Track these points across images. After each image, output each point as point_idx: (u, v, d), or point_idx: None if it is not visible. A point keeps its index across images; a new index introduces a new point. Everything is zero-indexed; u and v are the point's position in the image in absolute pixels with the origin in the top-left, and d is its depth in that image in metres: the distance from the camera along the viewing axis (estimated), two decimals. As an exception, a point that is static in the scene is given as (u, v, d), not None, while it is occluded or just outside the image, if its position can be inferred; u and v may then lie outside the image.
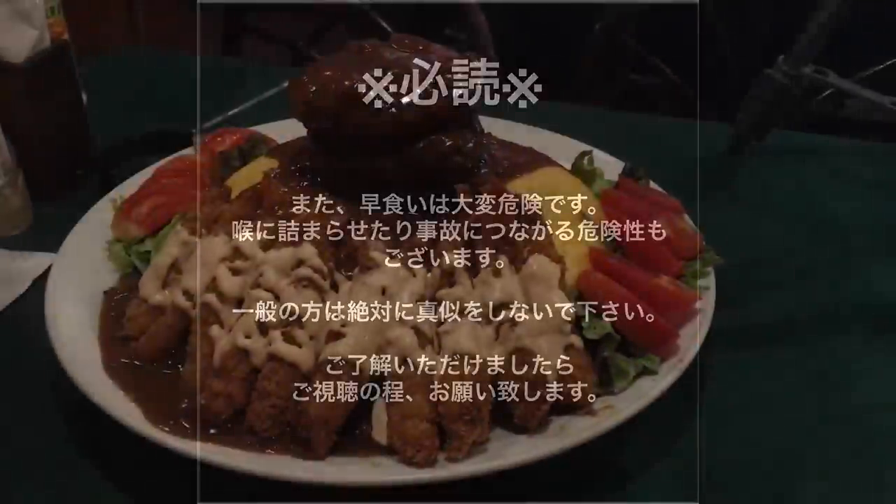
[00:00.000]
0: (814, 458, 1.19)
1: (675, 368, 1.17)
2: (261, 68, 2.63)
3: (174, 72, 2.44)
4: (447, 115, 1.25)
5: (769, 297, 1.53)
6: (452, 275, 1.14)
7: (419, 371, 1.08)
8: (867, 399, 1.30)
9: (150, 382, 1.17)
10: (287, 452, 1.06)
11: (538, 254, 1.17)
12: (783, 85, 1.85)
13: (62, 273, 1.35)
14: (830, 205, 1.84)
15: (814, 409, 1.28)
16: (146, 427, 1.06)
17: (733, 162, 2.02)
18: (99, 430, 1.14)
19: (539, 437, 1.09)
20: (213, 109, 2.19)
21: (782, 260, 1.67)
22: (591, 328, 1.16)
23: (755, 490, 1.15)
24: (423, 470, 1.02)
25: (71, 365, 1.14)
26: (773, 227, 1.77)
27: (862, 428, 1.25)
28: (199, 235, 1.27)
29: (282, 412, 1.08)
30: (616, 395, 1.15)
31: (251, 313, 1.14)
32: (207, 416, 1.08)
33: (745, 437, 1.23)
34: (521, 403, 1.08)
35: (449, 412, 1.04)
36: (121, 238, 1.44)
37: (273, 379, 1.09)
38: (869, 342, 1.43)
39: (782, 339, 1.43)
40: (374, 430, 1.10)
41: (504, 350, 1.11)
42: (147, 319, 1.24)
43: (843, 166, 2.01)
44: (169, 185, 1.48)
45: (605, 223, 1.35)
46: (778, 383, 1.33)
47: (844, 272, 1.61)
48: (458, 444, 1.03)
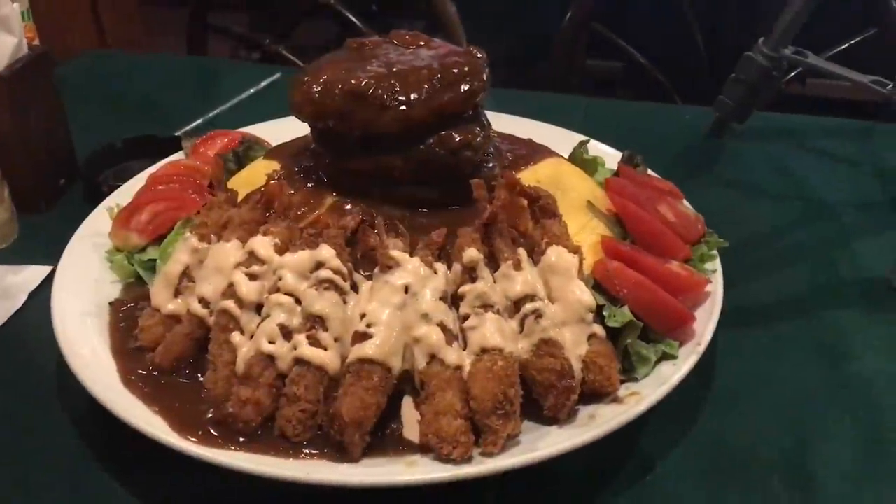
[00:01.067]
0: (824, 433, 1.22)
1: (693, 352, 1.19)
2: (236, 67, 2.59)
3: (145, 74, 2.41)
4: (456, 111, 1.25)
5: (766, 275, 1.56)
6: (474, 270, 1.15)
7: (449, 368, 1.08)
8: (869, 369, 1.34)
9: (170, 393, 1.15)
10: (321, 457, 1.05)
11: (556, 245, 1.18)
12: (764, 67, 1.89)
13: (64, 286, 1.32)
14: (813, 183, 1.89)
15: (820, 383, 1.32)
16: (178, 440, 1.04)
17: (715, 145, 2.06)
18: (114, 442, 1.14)
19: (569, 427, 1.10)
20: (190, 111, 2.17)
21: (774, 239, 1.71)
22: (612, 317, 1.17)
23: (770, 465, 1.17)
24: (462, 466, 1.02)
25: (91, 382, 1.11)
26: (761, 207, 1.81)
27: (866, 398, 1.29)
28: (209, 241, 1.25)
29: (312, 416, 1.08)
30: (639, 382, 1.17)
31: (273, 318, 1.13)
32: (237, 425, 1.07)
33: (756, 413, 1.25)
34: (550, 395, 1.09)
35: (482, 407, 1.05)
36: (120, 247, 1.41)
37: (301, 383, 1.08)
38: (865, 315, 1.47)
39: (783, 315, 1.46)
40: (405, 428, 1.10)
41: (530, 343, 1.11)
42: (161, 329, 1.22)
43: (820, 145, 2.06)
44: (166, 191, 1.46)
45: (612, 211, 1.36)
46: (784, 359, 1.36)
47: (835, 248, 1.65)
48: (493, 439, 1.04)
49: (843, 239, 1.69)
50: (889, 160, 1.97)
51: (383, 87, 1.22)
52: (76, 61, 2.46)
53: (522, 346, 1.12)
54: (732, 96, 1.98)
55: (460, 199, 1.29)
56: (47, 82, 1.73)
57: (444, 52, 1.30)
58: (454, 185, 1.28)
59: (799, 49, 1.88)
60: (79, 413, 1.22)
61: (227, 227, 1.26)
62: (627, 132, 1.89)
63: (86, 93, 2.23)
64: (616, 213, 1.36)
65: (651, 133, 2.07)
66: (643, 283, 1.19)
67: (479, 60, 1.28)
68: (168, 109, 2.20)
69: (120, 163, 1.87)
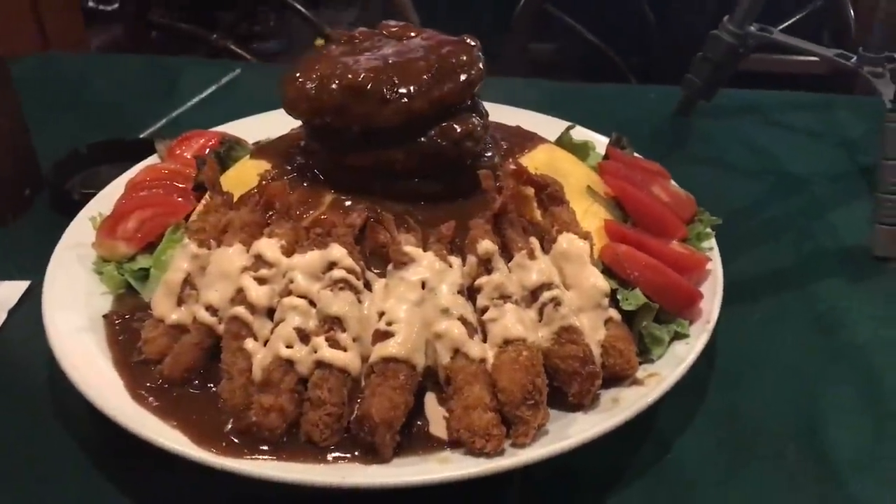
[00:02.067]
0: (829, 402, 1.26)
1: (704, 330, 1.21)
2: (193, 65, 2.51)
3: (98, 76, 2.32)
4: (456, 101, 1.23)
5: (750, 251, 1.59)
6: (489, 261, 1.14)
7: (474, 361, 1.07)
8: (864, 336, 1.38)
9: (184, 405, 1.11)
10: (352, 460, 1.04)
11: (566, 232, 1.18)
12: (731, 45, 1.92)
13: (55, 303, 1.26)
14: (783, 157, 1.94)
15: (819, 352, 1.36)
16: (206, 454, 1.01)
17: (684, 123, 2.09)
18: (119, 462, 1.12)
19: (595, 412, 1.10)
20: (150, 112, 2.10)
21: (753, 214, 1.74)
22: (626, 300, 1.18)
23: (784, 436, 1.20)
24: (496, 459, 1.02)
25: (102, 401, 1.07)
26: (734, 183, 1.84)
27: (865, 364, 1.33)
28: (208, 247, 1.21)
29: (338, 419, 1.06)
30: (655, 363, 1.18)
31: (288, 322, 1.10)
32: (263, 433, 1.05)
33: (763, 387, 1.28)
34: (574, 382, 1.09)
35: (512, 399, 1.04)
36: (107, 257, 1.36)
37: (324, 386, 1.06)
38: (851, 283, 1.51)
39: (773, 289, 1.50)
40: (431, 425, 1.09)
41: (550, 331, 1.11)
42: (166, 340, 1.18)
43: (785, 119, 2.11)
44: (151, 196, 1.41)
45: (609, 194, 1.37)
46: (780, 332, 1.40)
47: (813, 220, 1.70)
48: (524, 430, 1.04)
49: (819, 210, 1.73)
50: (852, 130, 2.02)
51: (382, 81, 1.20)
52: (23, 65, 2.35)
53: (543, 334, 1.12)
54: (699, 74, 2.00)
55: (462, 190, 1.28)
56: (5, 89, 1.65)
57: (437, 42, 1.29)
58: (456, 177, 1.27)
59: (763, 25, 1.91)
60: (82, 433, 1.18)
61: (227, 230, 1.23)
62: (596, 115, 1.90)
63: (37, 97, 2.13)
64: (614, 197, 1.37)
65: (619, 114, 2.07)
66: (654, 265, 1.20)
67: (473, 49, 1.27)
68: (127, 111, 2.12)
69: (87, 169, 1.80)
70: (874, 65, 1.76)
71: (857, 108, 2.14)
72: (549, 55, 3.70)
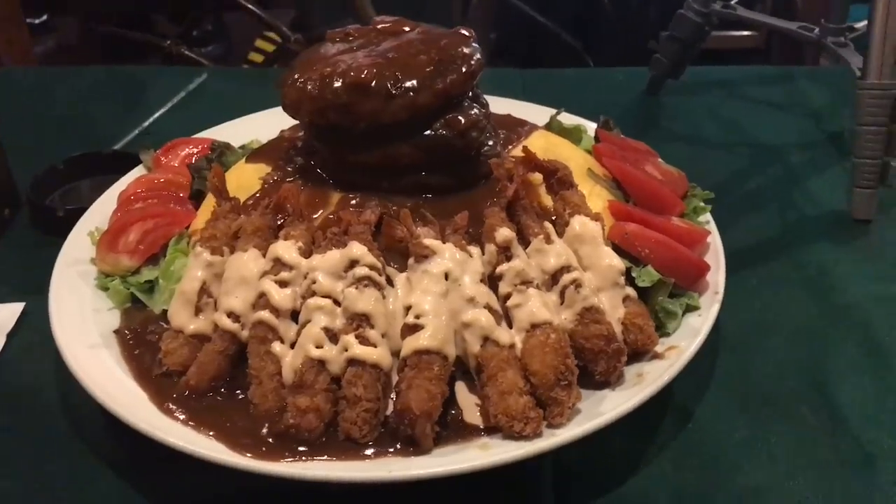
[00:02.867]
0: (834, 360, 1.31)
1: (714, 301, 1.24)
2: (156, 73, 2.46)
3: (60, 89, 2.26)
4: (459, 92, 1.25)
5: (737, 221, 1.64)
6: (508, 248, 1.15)
7: (504, 347, 1.09)
8: (857, 295, 1.44)
9: (215, 414, 1.10)
10: (395, 454, 1.04)
11: (578, 215, 1.21)
12: (697, 23, 1.96)
13: (64, 322, 1.23)
14: (754, 130, 1.99)
15: (817, 314, 1.41)
16: (252, 462, 1.01)
17: (654, 102, 2.14)
18: (143, 482, 1.11)
19: (623, 388, 1.13)
20: (118, 122, 2.06)
21: (734, 187, 1.79)
22: (640, 277, 1.21)
23: (796, 396, 1.25)
24: (536, 441, 1.04)
25: (135, 419, 1.05)
26: (711, 158, 1.89)
27: (862, 321, 1.39)
28: (221, 254, 1.21)
29: (375, 415, 1.06)
30: (671, 336, 1.21)
31: (315, 322, 1.10)
32: (302, 435, 1.05)
33: (769, 352, 1.33)
34: (601, 360, 1.12)
35: (545, 381, 1.06)
36: (110, 272, 1.34)
37: (359, 383, 1.06)
38: (837, 246, 1.57)
39: (766, 257, 1.55)
40: (465, 413, 1.11)
41: (572, 312, 1.14)
42: (187, 351, 1.17)
43: (750, 92, 2.17)
44: (150, 207, 1.39)
45: (608, 176, 1.40)
46: (778, 298, 1.45)
47: (792, 188, 1.76)
48: (560, 410, 1.06)
49: (795, 179, 1.79)
50: (816, 100, 2.09)
51: (386, 77, 1.20)
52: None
53: (566, 316, 1.14)
54: (667, 54, 2.05)
55: (467, 181, 1.30)
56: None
57: (434, 35, 1.29)
58: (462, 168, 1.28)
59: (726, 3, 1.97)
60: (105, 453, 1.16)
61: (239, 236, 1.22)
62: (567, 99, 1.92)
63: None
64: (613, 178, 1.40)
65: (590, 98, 2.12)
66: (663, 241, 1.23)
67: (470, 39, 1.28)
68: (94, 123, 2.08)
69: (65, 184, 1.77)
70: (836, 35, 1.82)
71: (817, 78, 2.21)
72: (497, 42, 3.74)
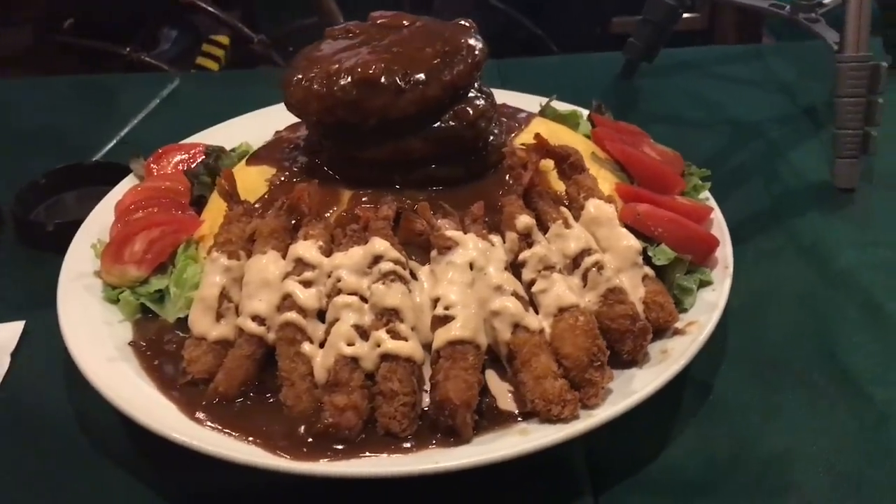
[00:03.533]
0: (839, 326, 1.35)
1: (726, 275, 1.27)
2: (126, 81, 2.41)
3: (26, 101, 2.20)
4: (466, 83, 1.25)
5: (728, 197, 1.65)
6: (529, 235, 1.17)
7: (534, 333, 1.10)
8: (852, 261, 1.49)
9: (247, 419, 1.10)
10: (437, 444, 1.05)
11: (592, 198, 1.22)
12: (671, 6, 2.00)
13: (79, 338, 1.20)
14: (731, 107, 2.04)
15: (817, 282, 1.45)
16: (301, 465, 1.01)
17: (630, 86, 2.17)
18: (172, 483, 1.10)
19: (649, 365, 1.15)
20: (94, 133, 2.01)
21: (718, 164, 1.81)
22: (657, 256, 1.23)
23: (807, 363, 1.28)
24: (574, 423, 1.05)
25: (173, 432, 1.04)
26: (692, 136, 1.92)
27: (860, 286, 1.43)
28: (238, 258, 1.20)
29: (412, 408, 1.06)
30: (689, 312, 1.23)
31: (344, 320, 1.10)
32: (342, 433, 1.04)
33: (775, 321, 1.37)
34: (627, 340, 1.13)
35: (579, 364, 1.08)
36: (117, 283, 1.31)
37: (394, 378, 1.07)
38: (826, 215, 1.62)
39: (760, 230, 1.58)
40: (498, 400, 1.12)
41: (596, 294, 1.15)
42: (212, 357, 1.15)
43: (721, 71, 2.22)
44: (151, 216, 1.36)
45: (609, 159, 1.42)
46: (777, 268, 1.49)
47: (776, 162, 1.80)
48: (594, 391, 1.07)
49: (776, 153, 1.84)
50: (786, 75, 2.15)
51: (394, 71, 1.20)
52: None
53: (589, 299, 1.16)
54: (641, 37, 2.08)
55: (477, 171, 1.30)
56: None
57: (435, 27, 1.30)
58: (471, 158, 1.29)
59: (698, -16, 2.00)
60: (130, 466, 1.14)
61: (255, 239, 1.21)
62: (544, 87, 1.94)
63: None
64: (615, 161, 1.42)
65: (568, 84, 2.13)
66: (674, 220, 1.26)
67: (472, 30, 1.29)
68: (69, 135, 2.03)
69: (49, 198, 1.72)
70: (807, 11, 1.87)
71: (783, 54, 2.27)
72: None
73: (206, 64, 3.40)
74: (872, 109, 1.63)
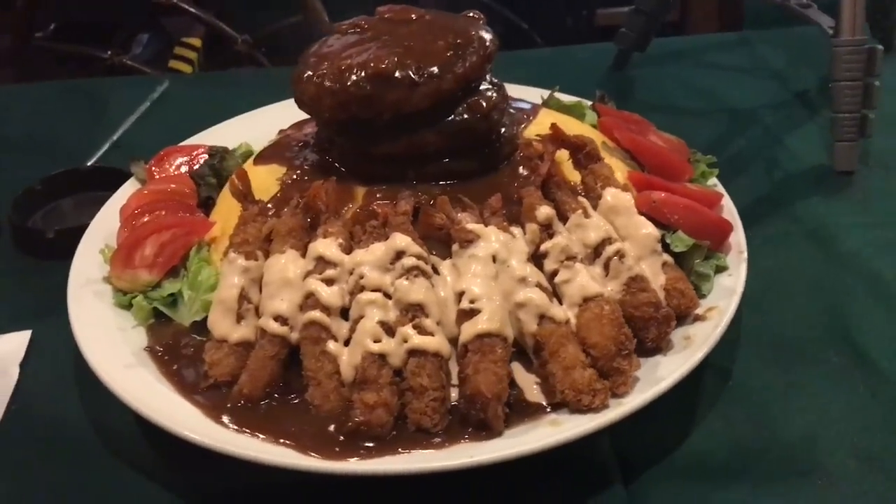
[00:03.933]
0: (849, 306, 1.37)
1: (742, 260, 1.28)
2: (113, 85, 2.37)
3: (14, 108, 2.16)
4: (478, 76, 1.25)
5: (730, 183, 1.67)
6: (550, 226, 1.16)
7: (561, 324, 1.10)
8: (856, 242, 1.51)
9: (275, 421, 1.08)
10: (469, 439, 1.04)
11: (609, 187, 1.22)
12: (663, -5, 2.01)
13: (94, 345, 1.18)
14: (725, 95, 2.05)
15: (824, 264, 1.47)
16: (335, 465, 1.00)
17: (622, 76, 2.17)
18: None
19: (675, 352, 1.15)
20: (85, 138, 1.98)
21: (718, 151, 1.80)
22: (675, 243, 1.23)
23: (822, 344, 1.30)
24: (605, 412, 1.05)
25: (204, 438, 1.02)
26: (690, 124, 1.91)
27: (866, 267, 1.45)
28: (255, 258, 1.18)
29: (442, 403, 1.06)
30: (707, 297, 1.24)
31: (369, 317, 1.09)
32: (374, 430, 1.03)
33: (787, 304, 1.38)
34: (651, 327, 1.14)
35: (607, 353, 1.08)
36: (128, 289, 1.29)
37: (423, 373, 1.06)
38: (827, 197, 1.64)
39: (764, 215, 1.59)
40: (525, 392, 1.11)
41: (619, 283, 1.16)
42: (233, 359, 1.14)
43: (712, 59, 2.23)
44: (159, 219, 1.34)
45: (617, 147, 1.42)
46: (785, 251, 1.50)
47: (774, 148, 1.82)
48: (623, 380, 1.07)
49: (773, 138, 1.85)
50: (776, 62, 2.17)
51: (408, 65, 1.19)
52: None
53: (612, 287, 1.16)
54: (633, 28, 2.09)
55: (490, 163, 1.30)
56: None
57: (444, 20, 1.29)
58: (485, 151, 1.28)
59: (689, -27, 2.01)
60: (153, 472, 1.12)
61: (272, 238, 1.20)
62: (538, 79, 1.95)
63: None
64: (625, 150, 1.42)
65: (561, 76, 2.12)
66: (690, 206, 1.26)
67: (480, 22, 1.29)
68: (57, 141, 1.99)
69: (46, 205, 1.70)
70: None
71: (772, 41, 2.28)
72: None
73: (179, 67, 3.35)
74: (869, 92, 1.64)
